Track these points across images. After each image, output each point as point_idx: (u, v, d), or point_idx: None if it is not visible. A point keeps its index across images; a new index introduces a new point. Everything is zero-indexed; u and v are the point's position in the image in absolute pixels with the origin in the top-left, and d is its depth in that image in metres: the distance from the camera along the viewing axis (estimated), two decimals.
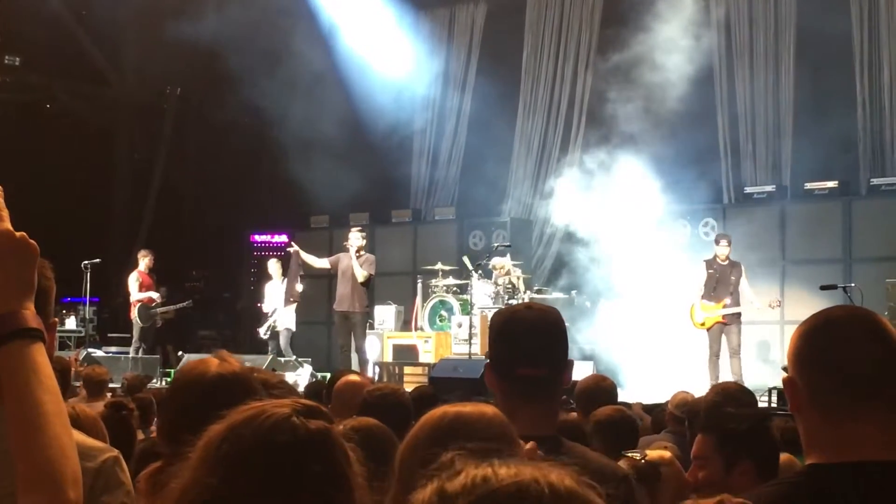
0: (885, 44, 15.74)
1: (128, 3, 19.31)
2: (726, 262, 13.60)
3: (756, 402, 5.11)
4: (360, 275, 14.12)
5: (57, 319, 1.90)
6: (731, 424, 3.65)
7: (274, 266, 16.41)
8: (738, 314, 13.43)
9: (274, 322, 16.01)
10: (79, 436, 2.35)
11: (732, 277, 13.46)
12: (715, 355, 13.41)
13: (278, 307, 15.98)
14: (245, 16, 18.24)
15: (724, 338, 13.39)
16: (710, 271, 13.63)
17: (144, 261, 16.71)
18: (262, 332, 16.23)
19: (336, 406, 5.12)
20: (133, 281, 16.52)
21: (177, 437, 2.81)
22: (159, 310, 16.64)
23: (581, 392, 5.92)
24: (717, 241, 13.87)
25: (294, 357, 15.65)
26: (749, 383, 12.73)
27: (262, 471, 1.69)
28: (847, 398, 2.09)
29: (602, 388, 5.87)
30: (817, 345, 2.15)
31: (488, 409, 2.44)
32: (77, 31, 20.54)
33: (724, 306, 13.38)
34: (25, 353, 1.76)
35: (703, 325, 13.56)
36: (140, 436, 5.73)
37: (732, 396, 5.03)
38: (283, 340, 15.86)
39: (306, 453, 1.71)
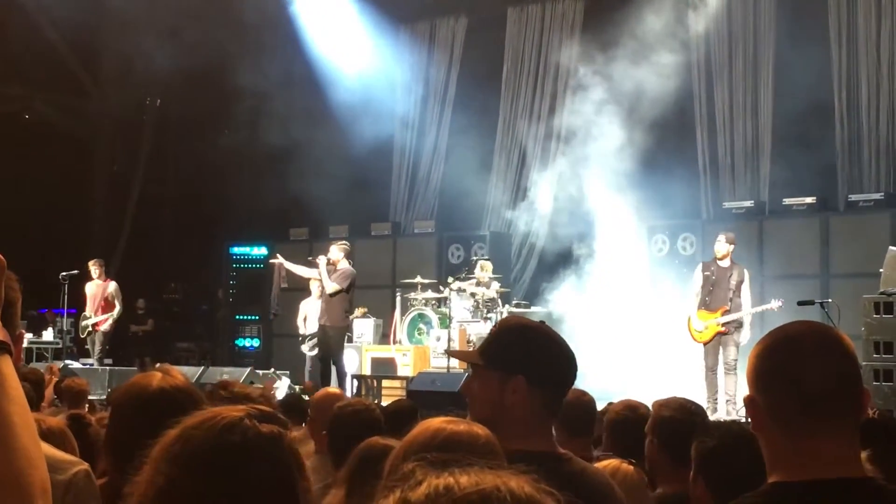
0: (863, 61, 15.83)
1: (108, 14, 19.26)
2: (727, 264, 12.60)
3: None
4: (329, 287, 14.02)
5: (23, 331, 1.89)
6: (698, 439, 3.67)
7: (315, 283, 16.25)
8: (739, 323, 12.44)
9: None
10: (49, 449, 2.34)
11: (732, 281, 12.47)
12: (710, 370, 12.51)
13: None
14: (226, 29, 18.24)
15: (720, 350, 12.47)
16: (707, 273, 12.66)
17: (93, 271, 16.64)
18: (308, 349, 15.90)
19: (314, 417, 5.21)
20: (87, 294, 16.50)
21: (118, 451, 2.80)
22: (91, 321, 16.47)
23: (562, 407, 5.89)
24: (717, 239, 12.91)
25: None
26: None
27: (209, 470, 1.69)
28: (808, 416, 2.09)
29: (582, 403, 5.85)
30: (777, 362, 2.15)
31: (481, 429, 2.44)
32: (56, 41, 20.48)
33: (724, 313, 12.40)
34: None
35: (701, 336, 12.58)
36: None
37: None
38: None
39: (254, 456, 1.70)
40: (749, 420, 2.28)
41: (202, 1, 17.94)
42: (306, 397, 8.04)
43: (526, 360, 2.89)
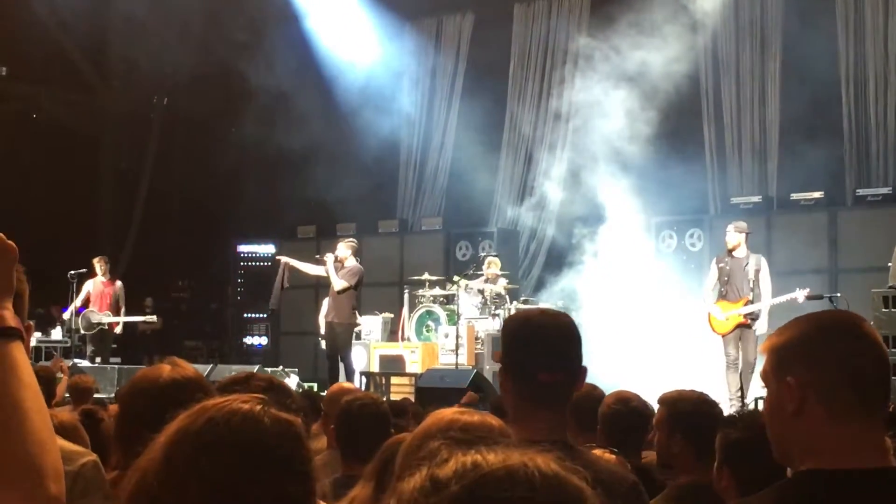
0: (871, 55, 15.82)
1: (115, 12, 19.29)
2: (742, 254, 12.25)
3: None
4: (337, 284, 14.03)
5: (31, 324, 1.91)
6: (722, 430, 3.67)
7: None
8: (758, 314, 12.03)
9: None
10: (58, 440, 2.35)
11: (749, 271, 12.08)
12: (733, 362, 12.08)
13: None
14: (233, 28, 18.26)
15: (740, 344, 12.06)
16: (721, 265, 12.31)
17: (98, 268, 16.62)
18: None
19: (328, 412, 5.23)
20: (83, 289, 16.46)
21: (130, 444, 2.80)
22: (105, 320, 16.47)
23: (572, 402, 5.88)
24: (726, 230, 12.53)
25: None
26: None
27: (233, 454, 1.70)
28: (862, 403, 2.09)
29: (594, 398, 5.85)
30: (840, 348, 2.12)
31: (494, 421, 2.46)
32: (63, 40, 20.50)
33: (746, 304, 12.02)
34: (4, 352, 1.77)
35: (722, 328, 12.15)
36: None
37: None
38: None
39: (289, 441, 1.74)
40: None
41: (211, 2, 17.93)
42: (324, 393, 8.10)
43: (504, 351, 3.00)
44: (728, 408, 11.59)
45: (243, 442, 1.71)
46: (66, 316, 16.86)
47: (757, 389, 11.96)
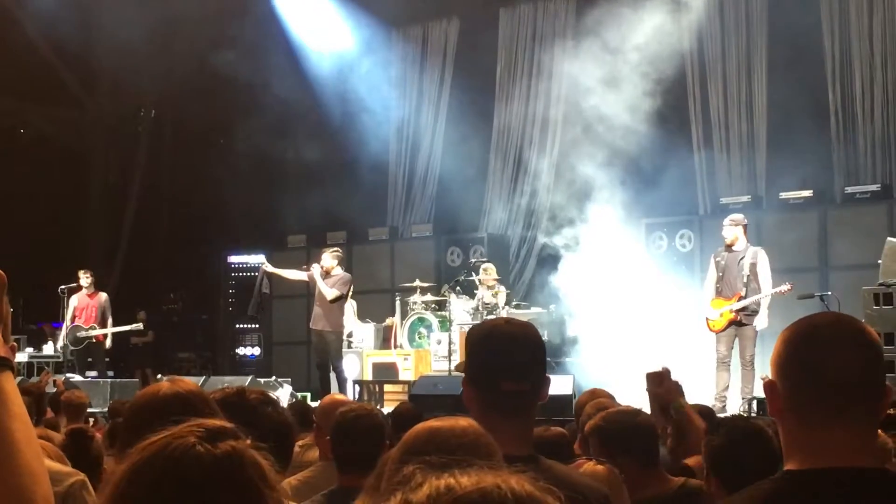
0: (856, 53, 15.85)
1: (100, 26, 19.27)
2: (740, 248, 11.94)
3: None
4: (329, 294, 13.99)
5: (15, 345, 1.88)
6: (707, 437, 3.67)
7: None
8: (753, 311, 11.75)
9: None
10: (46, 461, 2.34)
11: (745, 265, 11.79)
12: (722, 361, 11.88)
13: (353, 329, 15.92)
14: (218, 37, 18.24)
15: (736, 343, 11.86)
16: (718, 260, 12.08)
17: (83, 280, 16.54)
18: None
19: (320, 423, 5.22)
20: (70, 304, 16.39)
21: None
22: (92, 333, 16.41)
23: (582, 406, 5.90)
24: (723, 225, 12.25)
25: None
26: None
27: (170, 493, 1.64)
28: (823, 405, 2.09)
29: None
30: (797, 350, 2.14)
31: (463, 422, 2.43)
32: (49, 55, 20.48)
33: (739, 300, 11.75)
34: None
35: (715, 325, 11.94)
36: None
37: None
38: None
39: (215, 482, 1.65)
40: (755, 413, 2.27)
41: (195, 12, 17.91)
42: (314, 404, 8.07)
43: (468, 361, 2.98)
44: (712, 405, 11.59)
45: (180, 478, 1.66)
46: (58, 331, 16.82)
47: (756, 388, 11.91)
